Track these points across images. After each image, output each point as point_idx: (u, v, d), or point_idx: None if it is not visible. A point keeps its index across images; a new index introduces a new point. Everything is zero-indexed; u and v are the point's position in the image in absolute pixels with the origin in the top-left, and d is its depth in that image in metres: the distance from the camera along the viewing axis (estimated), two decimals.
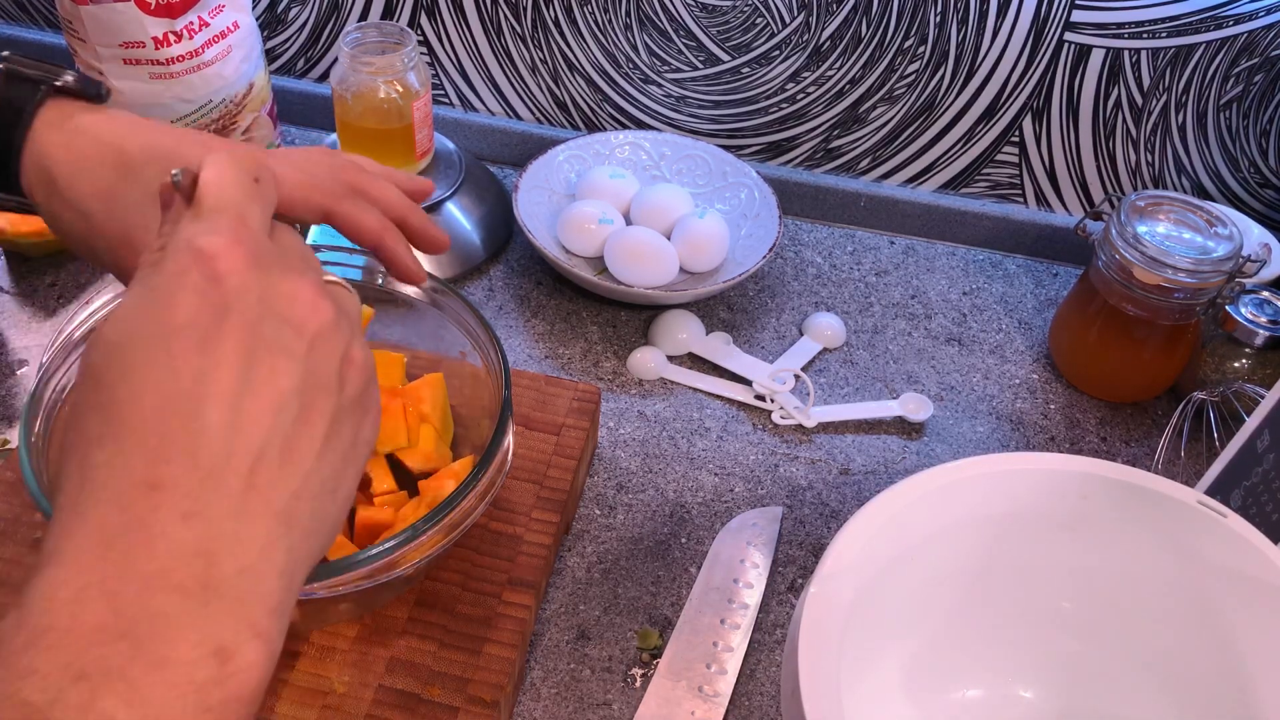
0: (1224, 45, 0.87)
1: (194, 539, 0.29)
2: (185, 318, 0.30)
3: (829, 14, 0.91)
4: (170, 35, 0.86)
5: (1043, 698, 0.60)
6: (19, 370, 0.79)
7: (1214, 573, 0.54)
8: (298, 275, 0.33)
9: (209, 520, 0.29)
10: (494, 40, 0.98)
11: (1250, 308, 0.80)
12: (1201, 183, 0.95)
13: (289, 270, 0.33)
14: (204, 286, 0.30)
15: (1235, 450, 0.63)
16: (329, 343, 0.33)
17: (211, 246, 0.31)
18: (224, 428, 0.30)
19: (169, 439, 0.29)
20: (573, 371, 0.83)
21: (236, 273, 0.31)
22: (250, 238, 0.32)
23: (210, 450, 0.29)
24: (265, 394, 0.31)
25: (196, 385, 0.30)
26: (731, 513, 0.74)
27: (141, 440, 0.29)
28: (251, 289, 0.31)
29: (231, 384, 0.30)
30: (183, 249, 0.31)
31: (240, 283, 0.31)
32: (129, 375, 0.30)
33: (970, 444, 0.81)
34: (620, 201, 0.92)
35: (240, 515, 0.30)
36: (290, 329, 0.32)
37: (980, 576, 0.58)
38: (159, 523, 0.28)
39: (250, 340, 0.31)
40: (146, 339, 0.30)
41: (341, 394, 0.33)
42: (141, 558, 0.28)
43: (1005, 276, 0.97)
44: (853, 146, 0.98)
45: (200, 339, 0.30)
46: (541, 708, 0.62)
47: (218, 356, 0.30)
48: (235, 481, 0.30)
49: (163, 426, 0.29)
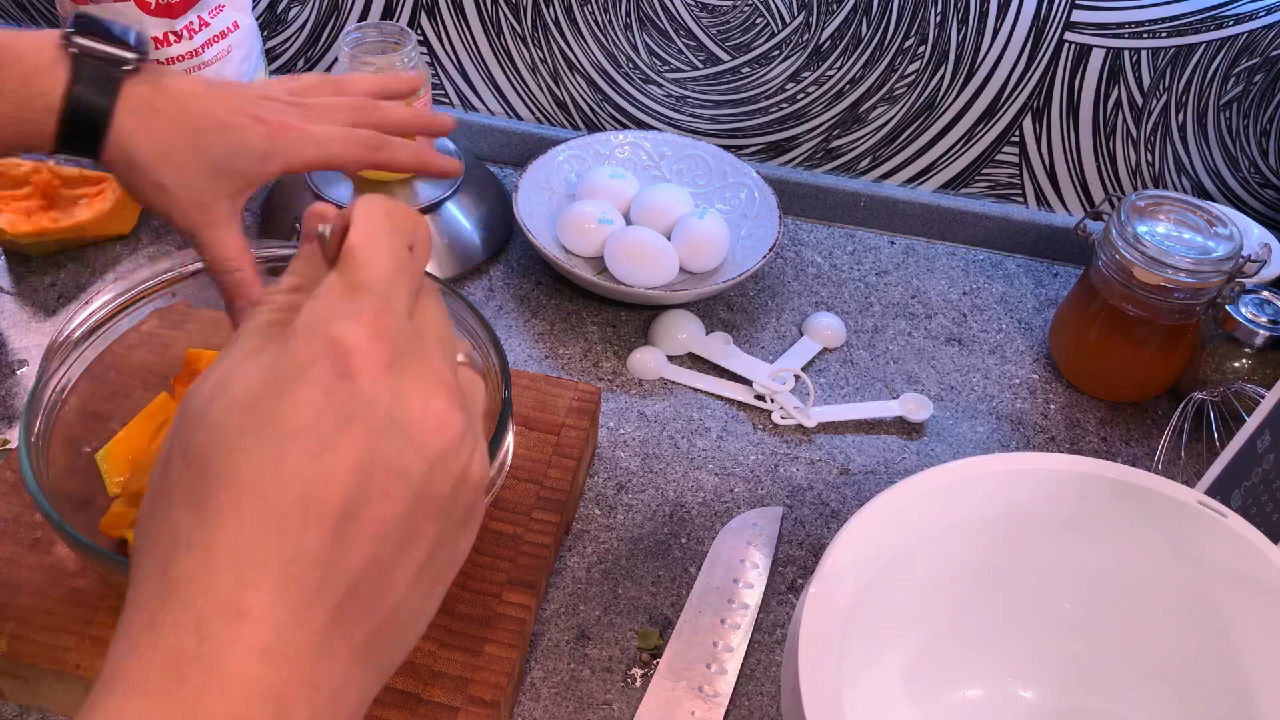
0: (1224, 45, 0.87)
1: (270, 682, 0.26)
2: (306, 420, 0.27)
3: (829, 14, 0.91)
4: (170, 35, 0.86)
5: (1043, 698, 0.60)
6: (19, 370, 0.79)
7: (1214, 573, 0.54)
8: (432, 383, 0.29)
9: (288, 660, 0.26)
10: (494, 40, 0.98)
11: (1250, 308, 0.80)
12: (1201, 183, 0.95)
13: (424, 373, 0.29)
14: (332, 384, 0.28)
15: (1235, 450, 0.63)
16: (450, 464, 0.30)
17: (348, 339, 0.28)
18: (321, 555, 0.27)
19: (262, 564, 0.26)
20: (573, 371, 0.83)
21: (369, 374, 0.28)
22: (391, 331, 0.29)
23: (303, 581, 0.27)
24: (372, 520, 0.28)
25: (302, 504, 0.27)
26: (731, 513, 0.74)
27: (234, 558, 0.26)
28: (382, 396, 0.28)
29: (339, 505, 0.27)
30: (317, 332, 0.28)
31: (371, 388, 0.28)
32: (233, 476, 0.27)
33: (970, 444, 0.81)
34: (620, 201, 0.92)
35: (320, 657, 0.27)
36: (413, 450, 0.29)
37: (980, 576, 0.58)
38: (236, 659, 0.26)
39: (369, 457, 0.28)
40: (260, 437, 0.27)
41: (449, 518, 0.30)
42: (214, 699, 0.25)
43: (1005, 276, 0.97)
44: (853, 146, 0.98)
45: (317, 448, 0.27)
46: (541, 708, 0.62)
47: (331, 471, 0.27)
48: (321, 616, 0.27)
49: (259, 548, 0.26)
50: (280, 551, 0.26)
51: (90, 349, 0.62)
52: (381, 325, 0.29)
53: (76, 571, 0.60)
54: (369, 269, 0.29)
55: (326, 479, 0.27)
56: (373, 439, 0.28)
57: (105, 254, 0.89)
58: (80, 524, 0.56)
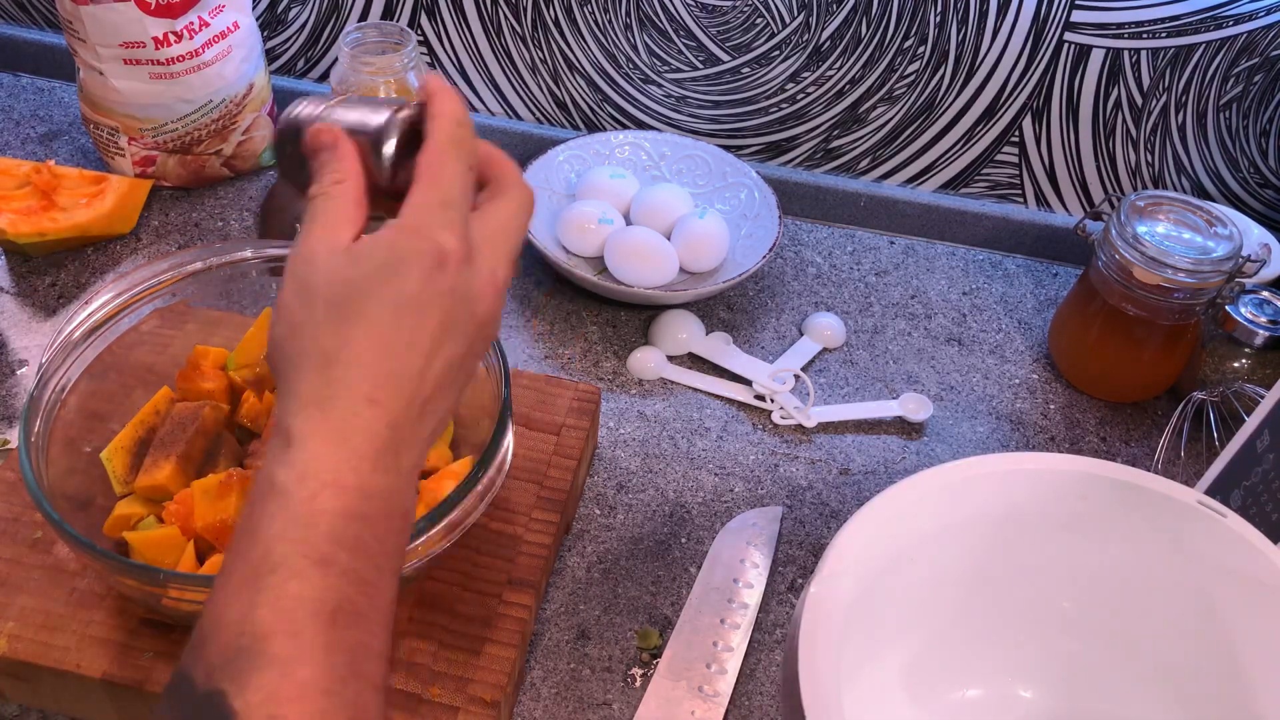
0: (1224, 45, 0.87)
1: (393, 438, 0.41)
2: (413, 290, 0.41)
3: (829, 14, 0.91)
4: (170, 35, 0.86)
5: (1043, 698, 0.60)
6: (19, 370, 0.79)
7: (1214, 573, 0.54)
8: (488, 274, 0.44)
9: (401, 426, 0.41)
10: (494, 40, 0.98)
11: (1250, 308, 0.80)
12: (1201, 183, 0.95)
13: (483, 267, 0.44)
14: (431, 271, 0.42)
15: (1235, 450, 0.63)
16: (491, 324, 0.46)
17: (446, 243, 0.42)
18: (418, 373, 0.42)
19: (387, 373, 0.41)
20: (573, 371, 0.83)
21: (454, 267, 0.42)
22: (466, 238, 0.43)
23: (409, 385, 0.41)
24: (445, 356, 0.43)
25: (408, 344, 0.41)
26: (731, 513, 0.74)
27: (369, 368, 0.41)
28: (458, 287, 0.43)
29: (428, 346, 0.42)
30: (422, 234, 0.42)
31: (452, 280, 0.42)
32: (365, 318, 0.41)
33: (970, 444, 0.81)
34: (620, 201, 0.92)
35: (418, 422, 0.42)
36: (473, 322, 0.44)
37: (980, 576, 0.58)
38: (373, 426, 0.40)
39: (446, 319, 0.42)
40: (382, 295, 0.41)
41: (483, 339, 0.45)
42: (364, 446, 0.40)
43: (1005, 276, 0.97)
44: (853, 146, 0.98)
45: (419, 310, 0.41)
46: (541, 708, 0.62)
47: (425, 325, 0.42)
48: (418, 404, 0.42)
49: (385, 363, 0.41)
50: (396, 368, 0.41)
51: (90, 349, 0.62)
52: (462, 232, 0.43)
53: (76, 571, 0.60)
54: (451, 189, 0.44)
55: (422, 329, 0.42)
56: (449, 310, 0.42)
57: (105, 254, 0.89)
58: (80, 524, 0.56)
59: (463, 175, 0.45)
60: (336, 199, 0.44)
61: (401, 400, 0.41)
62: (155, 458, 0.61)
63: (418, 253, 0.42)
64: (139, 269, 0.65)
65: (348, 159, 0.46)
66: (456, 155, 0.45)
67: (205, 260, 0.66)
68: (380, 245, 0.42)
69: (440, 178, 0.44)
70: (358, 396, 0.40)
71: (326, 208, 0.44)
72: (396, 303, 0.41)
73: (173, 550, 0.57)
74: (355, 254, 0.42)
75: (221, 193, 0.96)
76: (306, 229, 0.44)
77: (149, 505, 0.60)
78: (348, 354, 0.41)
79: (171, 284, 0.65)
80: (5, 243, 0.84)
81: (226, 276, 0.67)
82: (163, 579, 0.52)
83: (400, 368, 0.41)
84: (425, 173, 0.44)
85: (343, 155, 0.46)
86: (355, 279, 0.42)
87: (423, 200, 0.43)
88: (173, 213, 0.93)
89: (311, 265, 0.42)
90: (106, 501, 0.61)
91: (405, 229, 0.43)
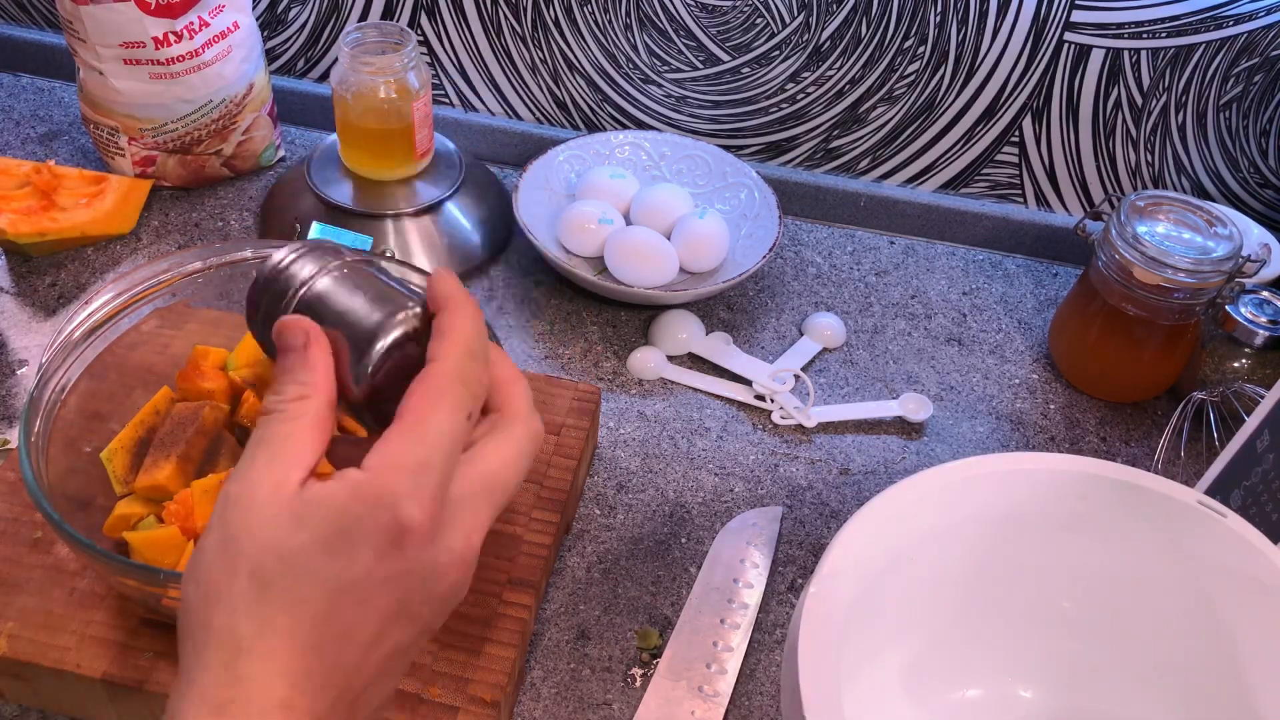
0: (1224, 45, 0.87)
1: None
2: (358, 574, 0.34)
3: (829, 14, 0.91)
4: (170, 35, 0.86)
5: (1043, 698, 0.60)
6: (19, 370, 0.79)
7: (1214, 573, 0.54)
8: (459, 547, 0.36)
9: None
10: (494, 40, 0.98)
11: (1250, 308, 0.80)
12: (1201, 183, 0.95)
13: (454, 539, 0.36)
14: (386, 551, 0.34)
15: (1235, 450, 0.63)
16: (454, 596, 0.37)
17: (410, 520, 0.34)
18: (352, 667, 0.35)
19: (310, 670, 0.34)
20: (573, 371, 0.83)
21: (413, 549, 0.35)
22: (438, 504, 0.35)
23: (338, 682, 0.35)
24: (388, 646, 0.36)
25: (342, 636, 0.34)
26: (731, 513, 0.74)
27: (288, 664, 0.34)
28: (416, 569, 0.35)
29: (368, 638, 0.35)
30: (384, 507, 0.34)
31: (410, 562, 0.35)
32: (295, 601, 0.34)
33: (970, 444, 0.81)
34: (620, 201, 0.92)
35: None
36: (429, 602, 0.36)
37: (980, 576, 0.58)
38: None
39: (395, 606, 0.35)
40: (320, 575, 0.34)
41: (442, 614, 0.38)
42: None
43: (1005, 276, 0.97)
44: (853, 146, 0.98)
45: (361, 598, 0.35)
46: (541, 708, 0.62)
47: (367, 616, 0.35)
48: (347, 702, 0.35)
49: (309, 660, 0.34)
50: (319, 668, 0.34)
51: (90, 349, 0.62)
52: (432, 503, 0.35)
53: (76, 571, 0.60)
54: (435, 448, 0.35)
55: (364, 619, 0.35)
56: (403, 593, 0.35)
57: (105, 254, 0.89)
58: (80, 524, 0.56)
59: (455, 429, 0.36)
60: (293, 422, 0.36)
61: (325, 701, 0.34)
62: (155, 458, 0.61)
63: (373, 528, 0.34)
64: (139, 269, 0.64)
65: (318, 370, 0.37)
66: (455, 401, 0.36)
67: (205, 260, 0.66)
68: (331, 508, 0.34)
69: (426, 430, 0.35)
70: (269, 701, 0.33)
71: (279, 434, 0.36)
72: (336, 587, 0.34)
73: (173, 550, 0.57)
74: (299, 514, 0.34)
75: (221, 193, 0.96)
76: (250, 454, 0.36)
77: (149, 505, 0.60)
78: (264, 645, 0.33)
79: (171, 284, 0.65)
80: (5, 243, 0.84)
81: (226, 276, 0.67)
82: (163, 579, 0.52)
83: (329, 663, 0.34)
84: (409, 418, 0.36)
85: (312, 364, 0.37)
86: (291, 551, 0.34)
87: (394, 458, 0.35)
88: (173, 213, 0.93)
89: (246, 514, 0.35)
90: (106, 501, 0.61)
91: (363, 495, 0.34)
